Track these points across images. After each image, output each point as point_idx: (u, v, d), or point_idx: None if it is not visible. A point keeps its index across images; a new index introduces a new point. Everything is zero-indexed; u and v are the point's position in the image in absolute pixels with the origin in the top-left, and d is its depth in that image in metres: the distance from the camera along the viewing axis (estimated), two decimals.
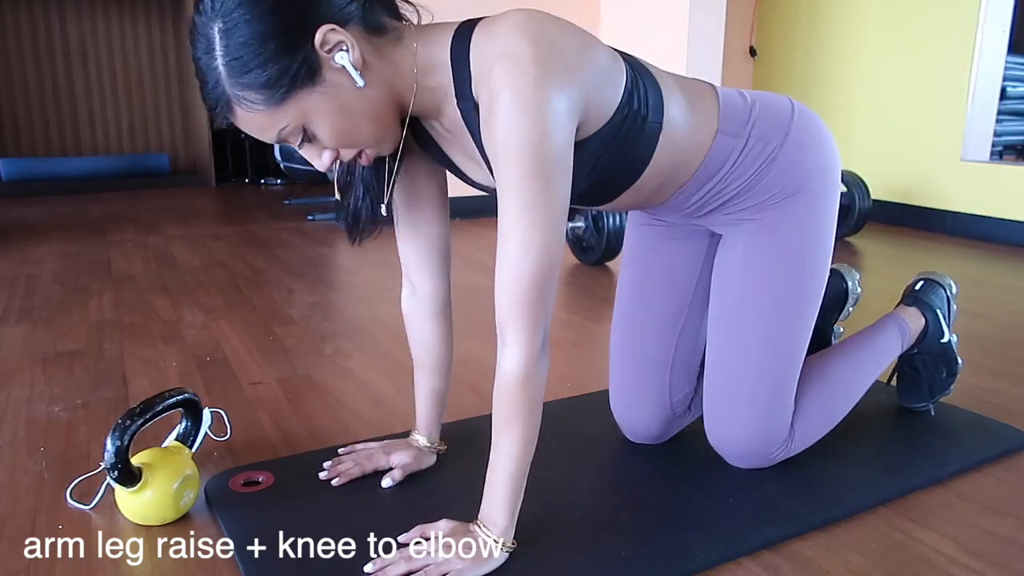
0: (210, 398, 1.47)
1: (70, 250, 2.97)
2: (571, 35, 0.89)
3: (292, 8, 0.80)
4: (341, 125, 0.87)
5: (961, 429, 1.33)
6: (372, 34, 0.86)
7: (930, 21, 3.40)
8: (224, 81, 0.81)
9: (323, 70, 0.83)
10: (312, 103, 0.84)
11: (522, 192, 0.83)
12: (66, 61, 5.13)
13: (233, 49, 0.79)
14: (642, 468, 1.18)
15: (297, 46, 0.80)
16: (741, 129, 1.05)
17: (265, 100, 0.82)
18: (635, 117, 0.95)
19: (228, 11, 0.79)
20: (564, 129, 0.85)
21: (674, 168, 1.04)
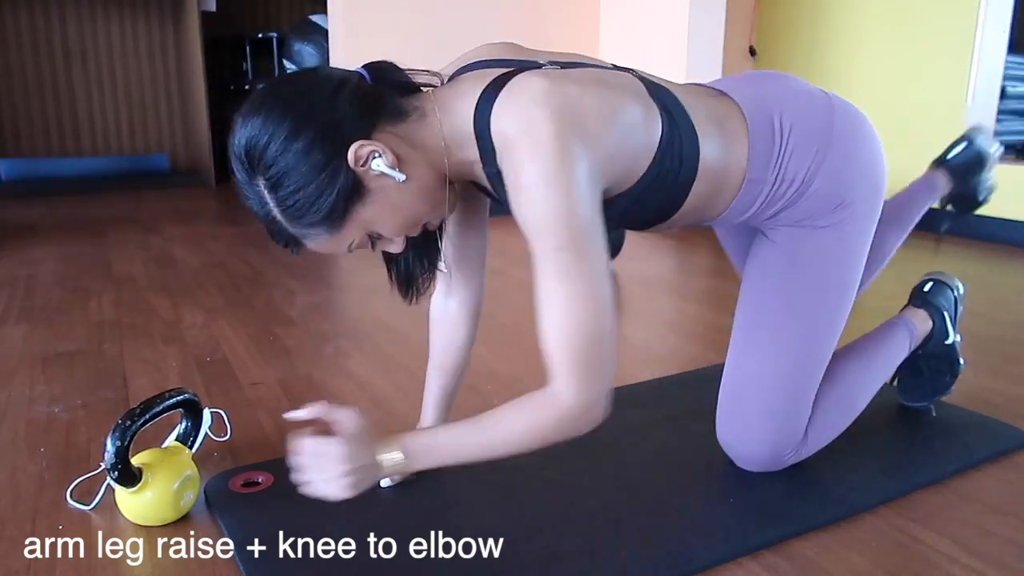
0: (210, 398, 1.47)
1: (70, 251, 2.97)
2: (594, 98, 0.88)
3: (321, 142, 0.83)
4: (400, 219, 0.91)
5: (961, 429, 1.33)
6: (397, 124, 0.88)
7: (930, 21, 3.40)
8: (286, 225, 0.86)
9: (365, 182, 0.86)
10: (368, 214, 0.87)
11: (558, 262, 0.83)
12: (66, 61, 5.12)
13: (284, 199, 0.84)
14: (642, 468, 1.18)
15: (336, 174, 0.83)
16: (767, 174, 1.04)
17: (327, 229, 0.86)
18: (667, 174, 0.96)
19: (267, 167, 0.83)
20: (590, 196, 0.85)
21: (706, 207, 1.05)
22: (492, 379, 1.56)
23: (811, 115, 1.06)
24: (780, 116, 1.04)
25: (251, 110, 0.84)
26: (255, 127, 0.83)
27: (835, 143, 1.05)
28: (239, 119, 0.84)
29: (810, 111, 1.07)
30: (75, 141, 5.23)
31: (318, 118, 0.83)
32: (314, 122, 0.83)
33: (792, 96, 1.09)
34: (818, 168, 1.04)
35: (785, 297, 1.10)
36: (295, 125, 0.82)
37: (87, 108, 5.24)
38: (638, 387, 1.52)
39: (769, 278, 1.12)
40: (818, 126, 1.05)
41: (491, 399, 1.45)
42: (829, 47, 3.86)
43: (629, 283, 2.51)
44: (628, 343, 1.87)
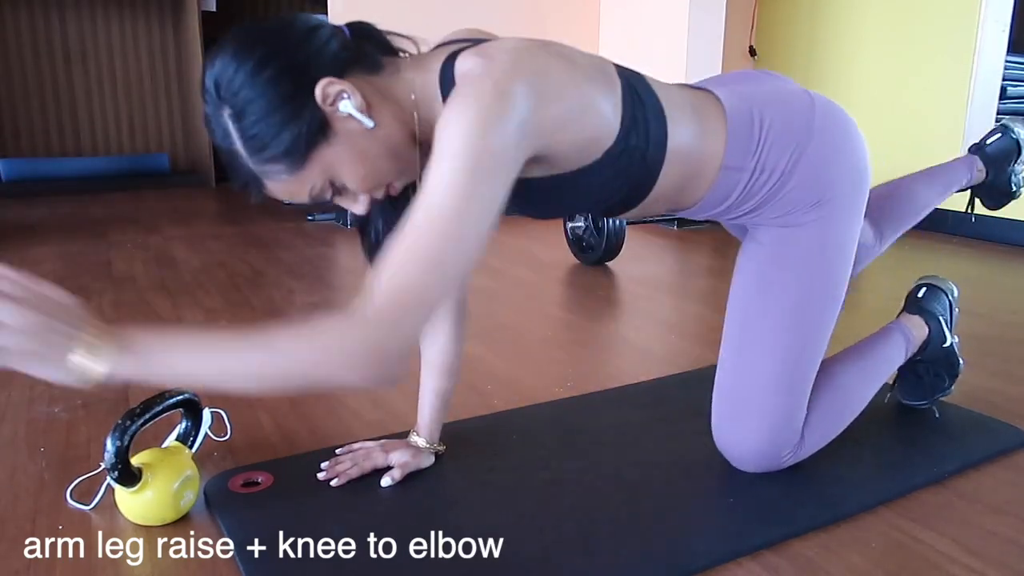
0: (210, 398, 1.47)
1: (70, 251, 2.97)
2: (559, 63, 0.90)
3: (289, 74, 0.83)
4: (364, 169, 0.89)
5: (961, 429, 1.33)
6: (370, 73, 0.89)
7: (930, 21, 3.40)
8: (247, 160, 0.85)
9: (332, 122, 0.85)
10: (331, 156, 0.86)
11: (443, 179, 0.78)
12: (66, 61, 5.12)
13: (246, 129, 0.83)
14: (642, 468, 1.18)
15: (302, 108, 0.83)
16: (746, 162, 1.04)
17: (288, 167, 0.85)
18: (633, 152, 0.96)
19: (232, 94, 0.82)
20: (511, 142, 0.81)
21: (680, 192, 1.05)
22: (492, 379, 1.56)
23: (791, 112, 1.07)
24: (760, 110, 1.05)
25: (224, 45, 0.84)
26: (225, 59, 0.83)
27: (815, 140, 1.05)
28: (214, 52, 0.84)
29: (790, 108, 1.08)
30: (75, 141, 5.24)
31: (289, 52, 0.83)
32: (284, 55, 0.83)
33: (773, 93, 1.11)
34: (797, 162, 1.04)
35: (772, 297, 1.10)
36: (264, 55, 0.82)
37: (87, 108, 5.24)
38: (638, 387, 1.52)
39: (756, 279, 1.12)
40: (798, 123, 1.06)
41: (491, 399, 1.45)
42: (829, 47, 3.86)
43: (629, 283, 2.51)
44: (628, 343, 1.88)
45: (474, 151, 0.79)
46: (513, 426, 1.32)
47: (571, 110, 0.89)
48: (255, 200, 0.90)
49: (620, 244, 2.66)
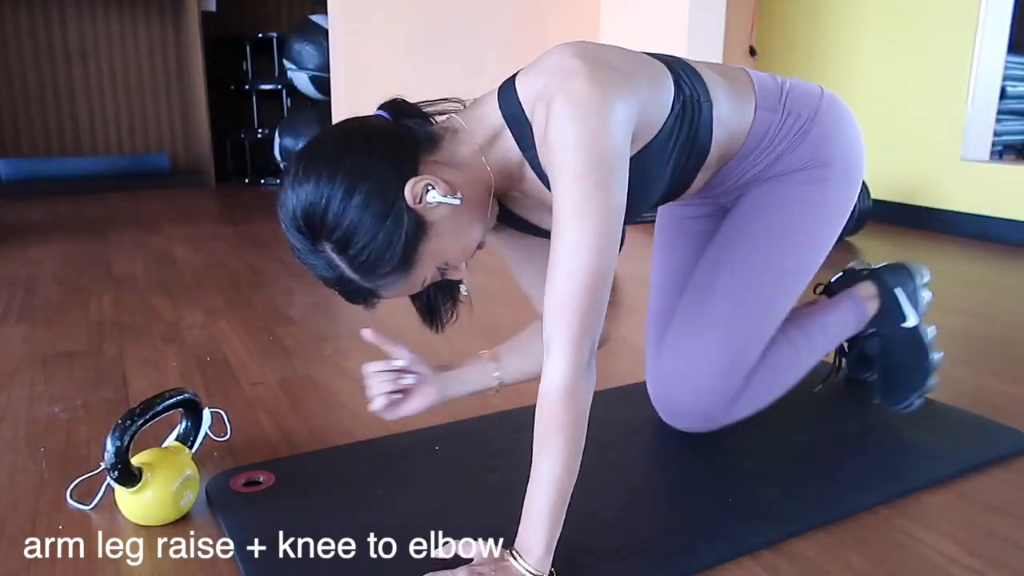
0: (210, 398, 1.47)
1: (70, 250, 2.96)
2: (614, 49, 0.94)
3: (379, 191, 0.83)
4: (463, 243, 0.91)
5: (961, 431, 1.33)
6: (434, 151, 0.89)
7: (930, 21, 3.40)
8: (360, 282, 0.86)
9: (426, 216, 0.85)
10: (435, 247, 0.87)
11: (576, 192, 0.83)
12: (66, 61, 5.12)
13: (355, 256, 0.84)
14: (642, 468, 1.18)
15: (400, 218, 0.83)
16: (776, 104, 1.10)
17: (400, 274, 0.86)
18: (692, 103, 0.99)
19: (332, 229, 0.82)
20: (621, 130, 0.86)
21: (728, 143, 1.07)
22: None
23: (803, 84, 1.16)
24: (778, 77, 1.14)
25: (296, 179, 0.83)
26: (308, 193, 0.82)
27: (824, 107, 1.13)
28: (286, 190, 0.84)
29: (801, 83, 1.16)
30: (75, 141, 5.23)
31: (366, 169, 0.83)
32: (364, 174, 0.83)
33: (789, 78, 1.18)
34: (814, 117, 1.11)
35: (754, 245, 1.13)
36: (347, 181, 0.82)
37: (87, 108, 5.24)
38: (638, 387, 1.52)
39: (742, 226, 1.15)
40: (810, 92, 1.14)
41: (491, 399, 1.45)
42: (829, 47, 3.86)
43: (629, 283, 2.51)
44: (628, 343, 1.87)
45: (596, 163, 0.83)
46: (513, 426, 1.32)
47: (642, 80, 0.93)
48: (369, 308, 0.92)
49: (620, 244, 2.65)
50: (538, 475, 0.86)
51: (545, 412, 0.85)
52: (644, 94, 0.92)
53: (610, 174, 0.84)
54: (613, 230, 0.85)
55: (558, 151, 0.83)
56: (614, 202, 0.85)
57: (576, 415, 0.85)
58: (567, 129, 0.83)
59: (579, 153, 0.82)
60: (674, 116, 0.97)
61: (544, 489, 0.86)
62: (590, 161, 0.82)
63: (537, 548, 0.85)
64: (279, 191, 0.86)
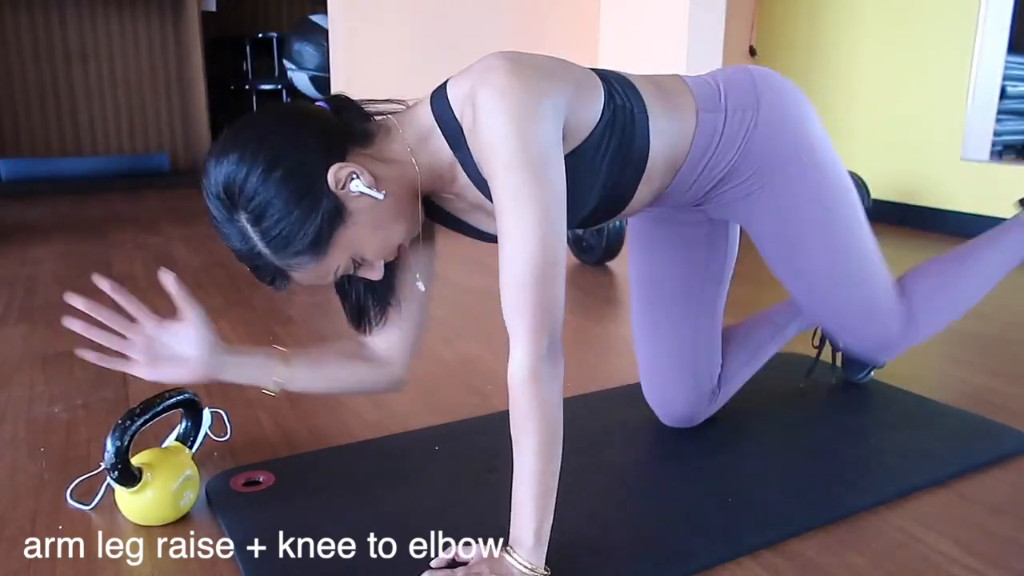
0: (210, 398, 1.47)
1: (70, 250, 2.96)
2: (542, 56, 0.94)
3: (300, 170, 0.84)
4: (380, 239, 0.91)
5: (962, 432, 1.33)
6: (366, 145, 0.90)
7: (930, 21, 3.40)
8: (271, 259, 0.86)
9: (346, 204, 0.86)
10: (351, 236, 0.88)
11: (509, 183, 0.84)
12: (66, 61, 5.12)
13: (268, 230, 0.84)
14: (642, 469, 1.18)
15: (318, 199, 0.84)
16: (716, 104, 1.07)
17: (312, 256, 0.86)
18: (623, 111, 0.98)
19: (248, 199, 0.83)
20: (549, 122, 0.86)
21: (671, 152, 1.05)
22: (492, 379, 1.56)
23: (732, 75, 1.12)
24: (709, 77, 1.13)
25: (223, 150, 0.85)
26: (231, 164, 0.83)
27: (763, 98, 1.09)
28: (211, 161, 0.85)
29: (731, 73, 1.13)
30: (75, 141, 5.23)
31: (293, 148, 0.85)
32: (290, 152, 0.84)
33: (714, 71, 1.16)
34: (757, 105, 1.08)
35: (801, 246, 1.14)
36: (272, 156, 0.83)
37: (87, 108, 5.24)
38: (638, 387, 1.52)
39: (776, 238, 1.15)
40: (742, 78, 1.11)
41: (491, 399, 1.45)
42: (829, 47, 3.86)
43: (628, 283, 2.51)
44: (628, 343, 1.87)
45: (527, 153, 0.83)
46: None
47: (568, 81, 0.93)
48: (278, 290, 0.92)
49: (620, 244, 2.66)
50: (518, 468, 0.87)
51: (513, 405, 0.86)
52: (570, 94, 0.92)
53: (543, 163, 0.84)
54: (555, 218, 0.85)
55: (488, 145, 0.85)
56: (552, 190, 0.85)
57: (543, 404, 0.85)
58: (494, 122, 0.84)
59: (507, 143, 0.83)
60: (604, 123, 0.96)
61: (525, 481, 0.87)
62: (521, 152, 0.83)
63: (527, 539, 0.86)
64: (205, 160, 0.87)
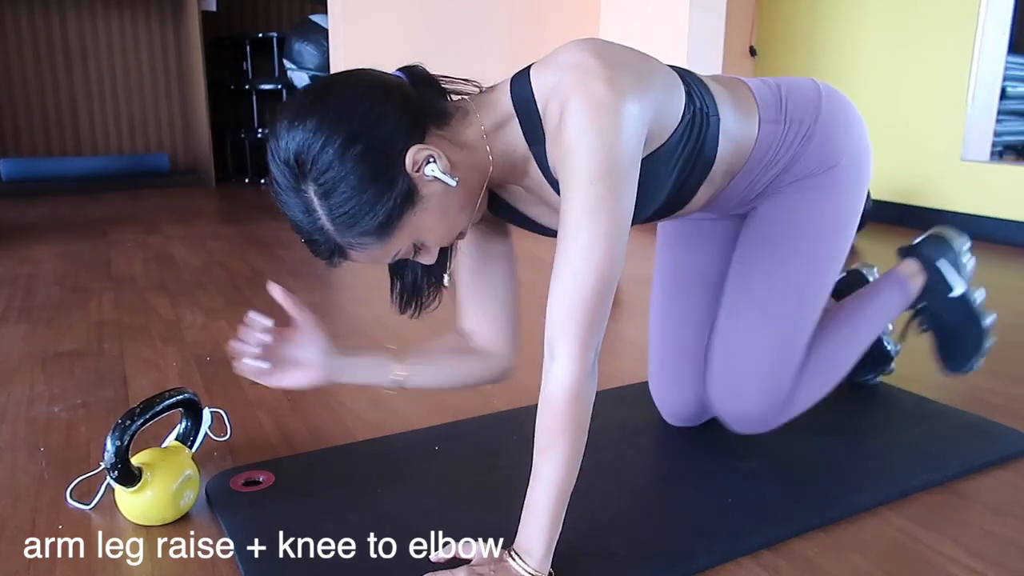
0: (210, 398, 1.47)
1: (70, 250, 2.96)
2: (630, 51, 0.92)
3: (379, 149, 0.80)
4: (447, 226, 0.89)
5: (961, 431, 1.33)
6: (443, 126, 0.87)
7: (930, 21, 3.40)
8: (334, 235, 0.83)
9: (419, 188, 0.83)
10: (419, 221, 0.85)
11: (589, 196, 0.82)
12: (66, 61, 5.12)
13: (337, 207, 0.80)
14: (642, 469, 1.18)
15: (393, 181, 0.81)
16: (778, 115, 1.09)
17: (377, 238, 0.83)
18: (701, 115, 0.98)
19: (321, 172, 0.79)
20: (635, 135, 0.85)
21: (734, 158, 1.06)
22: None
23: (799, 84, 1.14)
24: (774, 82, 1.13)
25: (300, 114, 0.80)
26: (308, 131, 0.78)
27: (824, 106, 1.11)
28: (284, 123, 0.80)
29: (799, 85, 1.14)
30: (75, 141, 5.23)
31: (375, 123, 0.80)
32: (371, 127, 0.80)
33: (782, 78, 1.16)
34: (815, 121, 1.10)
35: (775, 257, 1.13)
36: (353, 129, 0.79)
37: (87, 107, 5.24)
38: (637, 387, 1.52)
39: (761, 240, 1.15)
40: (808, 90, 1.13)
41: (491, 399, 1.45)
42: (829, 47, 3.86)
43: (629, 283, 2.51)
44: (628, 343, 1.87)
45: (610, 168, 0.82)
46: (513, 426, 1.32)
47: (657, 84, 0.92)
48: (332, 267, 0.90)
49: None
50: (539, 477, 0.86)
51: (549, 415, 0.85)
52: (659, 98, 0.91)
53: (622, 180, 0.83)
54: (622, 235, 0.84)
55: (572, 153, 0.82)
56: (625, 207, 0.84)
57: (580, 419, 0.85)
58: (583, 132, 0.81)
59: (593, 157, 0.81)
60: (684, 125, 0.96)
61: (545, 491, 0.85)
62: (604, 166, 0.81)
63: (537, 550, 0.85)
64: (275, 121, 0.82)
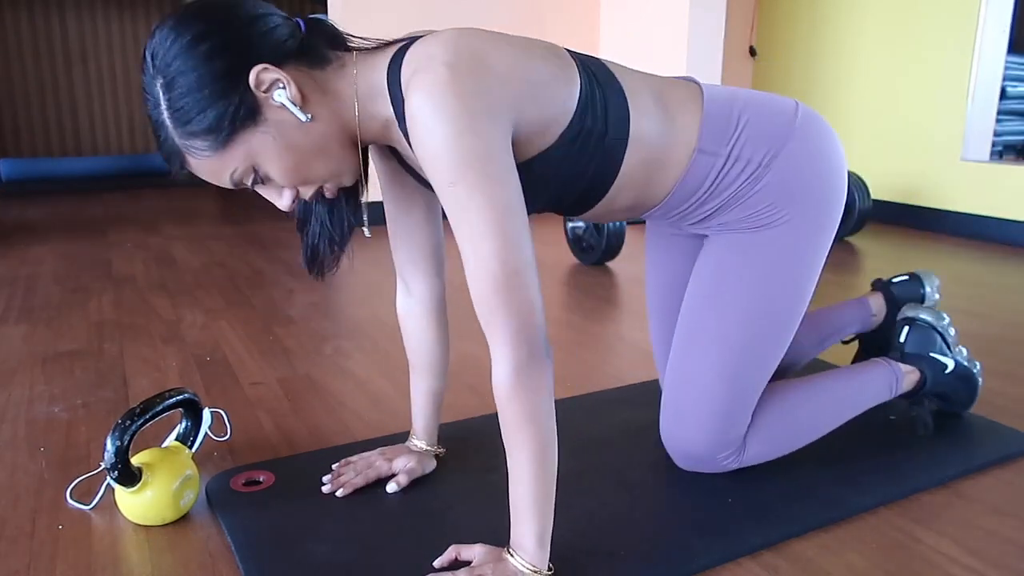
0: (210, 398, 1.47)
1: (70, 250, 2.97)
2: (504, 49, 0.87)
3: (227, 53, 0.82)
4: (290, 163, 0.87)
5: (961, 431, 1.33)
6: (313, 67, 0.87)
7: (930, 21, 3.40)
8: (172, 132, 0.84)
9: (263, 110, 0.84)
10: (257, 143, 0.85)
11: (452, 198, 0.81)
12: (66, 61, 5.12)
13: (175, 100, 0.82)
14: (642, 469, 1.18)
15: (232, 88, 0.82)
16: (720, 147, 1.02)
17: (210, 145, 0.84)
18: (590, 134, 0.93)
19: (166, 65, 0.82)
20: (486, 130, 0.81)
21: (648, 183, 1.02)
22: (491, 379, 1.56)
23: (772, 113, 1.05)
24: (741, 107, 1.04)
25: (168, 18, 0.83)
26: (165, 30, 0.82)
27: (793, 142, 1.04)
28: (158, 24, 0.84)
29: (771, 109, 1.06)
30: (75, 141, 5.24)
31: (231, 31, 0.82)
32: (224, 33, 0.82)
33: (758, 95, 1.08)
34: (773, 159, 1.03)
35: (728, 297, 1.08)
36: (204, 30, 0.81)
37: (87, 108, 5.24)
38: (637, 387, 1.52)
39: (712, 275, 1.10)
40: (778, 122, 1.05)
41: (491, 399, 1.45)
42: (829, 47, 3.86)
43: (628, 283, 2.51)
44: (627, 343, 1.88)
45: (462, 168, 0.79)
46: None
47: (525, 85, 0.87)
48: (176, 175, 0.90)
49: (620, 244, 2.66)
50: (514, 472, 0.86)
51: (501, 415, 0.85)
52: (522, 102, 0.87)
53: (482, 172, 0.80)
54: (510, 223, 0.81)
55: (423, 160, 0.82)
56: (497, 194, 0.81)
57: (532, 408, 0.83)
58: (425, 135, 0.80)
59: (441, 160, 0.80)
60: (566, 141, 0.92)
61: (522, 484, 0.86)
62: (454, 166, 0.79)
63: (529, 543, 0.86)
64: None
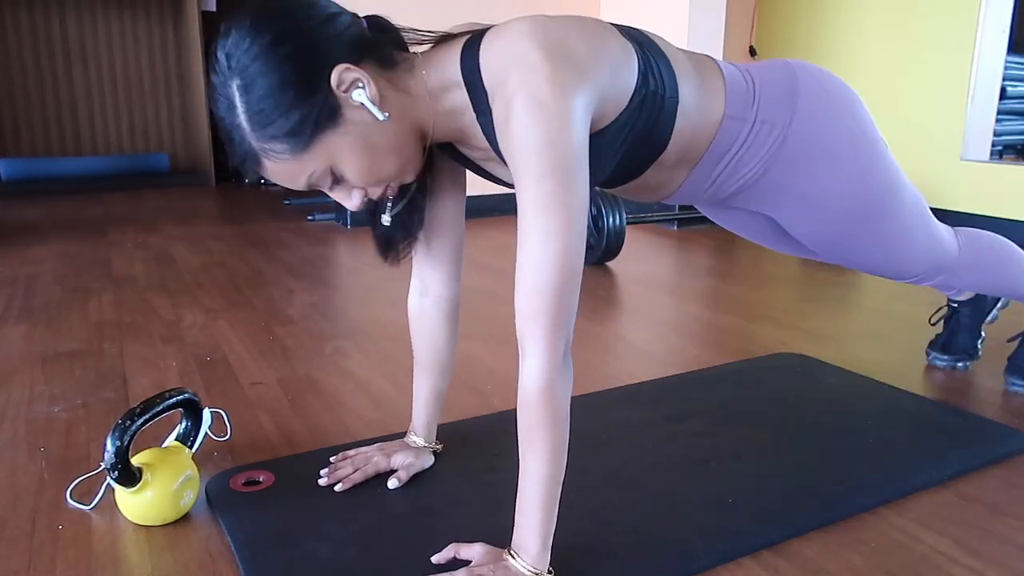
0: (210, 398, 1.47)
1: (70, 250, 2.97)
2: (577, 33, 0.89)
3: (306, 55, 0.82)
4: (367, 162, 0.88)
5: (962, 431, 1.33)
6: (385, 68, 0.88)
7: (930, 21, 3.40)
8: (249, 136, 0.83)
9: (343, 110, 0.84)
10: (337, 144, 0.85)
11: (540, 191, 0.82)
12: (66, 61, 5.13)
13: (254, 103, 0.81)
14: (642, 468, 1.18)
15: (315, 90, 0.82)
16: (747, 112, 1.05)
17: (290, 148, 0.84)
18: (654, 97, 0.96)
19: (244, 67, 0.80)
20: (580, 127, 0.84)
21: (690, 145, 1.04)
22: (492, 379, 1.56)
23: (776, 83, 1.09)
24: (751, 79, 1.08)
25: (239, 17, 0.82)
26: (241, 31, 0.81)
27: (802, 101, 1.07)
28: (227, 26, 0.83)
29: (775, 80, 1.09)
30: (75, 141, 5.24)
31: (309, 31, 0.82)
32: (304, 33, 0.81)
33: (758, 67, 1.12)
34: (792, 117, 1.06)
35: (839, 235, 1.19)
36: (282, 31, 0.81)
37: (87, 108, 5.24)
38: (637, 387, 1.52)
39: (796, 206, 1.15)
40: (783, 84, 1.08)
41: (491, 399, 1.46)
42: (829, 47, 3.87)
43: (629, 283, 2.51)
44: (628, 343, 1.88)
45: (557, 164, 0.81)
46: (513, 426, 1.32)
47: (604, 68, 0.89)
48: (250, 179, 0.91)
49: (620, 244, 2.66)
50: (525, 474, 0.87)
51: (525, 412, 0.86)
52: (605, 82, 0.89)
53: (571, 172, 0.83)
54: (578, 227, 0.84)
55: (519, 151, 0.83)
56: (578, 198, 0.84)
57: (556, 412, 0.85)
58: (528, 130, 0.81)
59: (540, 154, 0.81)
60: (633, 107, 0.94)
61: (533, 488, 0.86)
62: (551, 161, 0.81)
63: (532, 546, 0.86)
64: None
